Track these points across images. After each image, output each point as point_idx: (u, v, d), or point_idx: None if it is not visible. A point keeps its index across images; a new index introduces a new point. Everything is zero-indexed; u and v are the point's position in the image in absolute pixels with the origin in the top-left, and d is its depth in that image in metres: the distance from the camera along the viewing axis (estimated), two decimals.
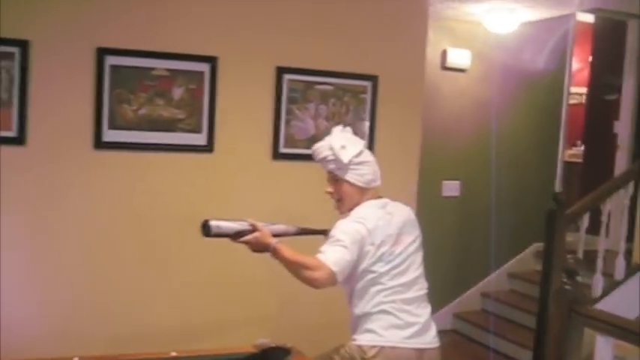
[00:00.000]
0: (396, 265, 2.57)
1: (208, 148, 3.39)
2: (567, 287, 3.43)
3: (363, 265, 2.54)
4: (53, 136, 3.16)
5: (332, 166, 2.64)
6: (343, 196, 2.65)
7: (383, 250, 2.54)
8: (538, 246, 5.39)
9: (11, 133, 3.11)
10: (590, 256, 4.46)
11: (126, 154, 3.24)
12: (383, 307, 2.54)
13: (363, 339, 2.53)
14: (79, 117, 3.19)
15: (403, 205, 2.75)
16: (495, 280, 5.83)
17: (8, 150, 3.09)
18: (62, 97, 3.17)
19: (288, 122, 3.56)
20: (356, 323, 2.59)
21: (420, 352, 2.56)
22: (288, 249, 2.48)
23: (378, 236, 2.54)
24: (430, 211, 4.97)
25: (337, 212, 2.69)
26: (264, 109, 3.51)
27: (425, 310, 2.64)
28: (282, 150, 3.55)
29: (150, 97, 3.28)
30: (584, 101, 7.05)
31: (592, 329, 3.34)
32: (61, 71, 3.15)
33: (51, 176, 3.17)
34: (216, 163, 3.41)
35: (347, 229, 2.53)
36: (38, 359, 2.66)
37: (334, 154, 2.60)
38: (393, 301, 2.54)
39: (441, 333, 2.75)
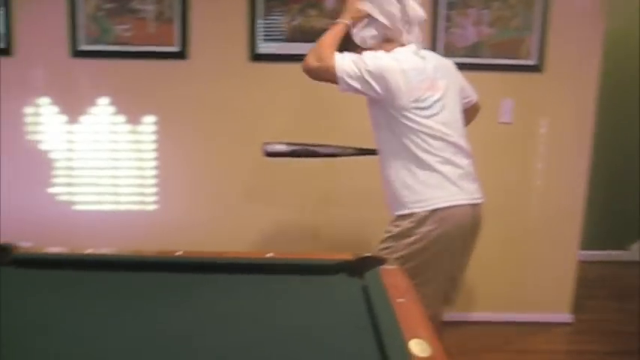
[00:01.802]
0: (434, 114, 2.30)
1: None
2: None
3: (394, 112, 2.28)
4: (212, 50, 3.31)
5: None
6: None
7: (417, 95, 2.27)
8: None
9: (174, 48, 3.30)
10: None
11: (280, 65, 3.29)
12: (424, 162, 2.29)
13: (411, 207, 2.30)
14: (236, 31, 3.29)
15: (436, 54, 2.50)
16: None
17: (172, 64, 3.30)
18: (220, 12, 3.29)
19: (446, 29, 3.38)
20: (395, 193, 2.35)
21: (473, 207, 2.34)
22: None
23: (412, 79, 2.27)
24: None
25: None
26: None
27: (468, 161, 2.37)
28: None
29: (302, 9, 3.28)
30: None
31: None
32: None
33: (211, 88, 3.34)
34: None
35: (373, 59, 2.28)
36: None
37: None
38: (433, 154, 2.28)
39: None
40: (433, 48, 3.35)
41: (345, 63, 2.28)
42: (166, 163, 3.45)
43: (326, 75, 2.32)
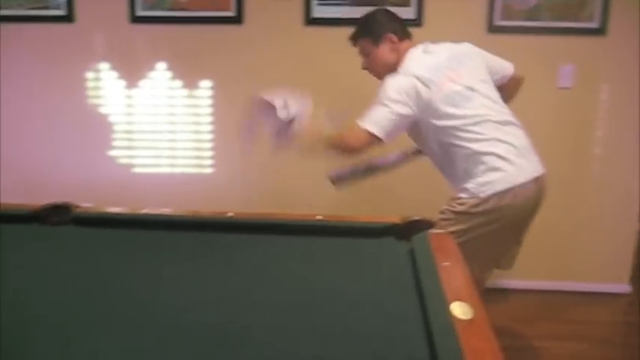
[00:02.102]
0: (466, 103, 2.28)
1: (417, 21, 3.29)
2: None
3: (434, 120, 2.28)
4: (267, 14, 3.33)
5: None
6: (376, 66, 2.47)
7: (442, 91, 2.26)
8: None
9: (230, 13, 3.33)
10: None
11: (335, 29, 3.28)
12: (478, 152, 2.26)
13: (475, 191, 2.28)
14: None
15: (450, 43, 2.45)
16: None
17: (228, 28, 3.33)
18: None
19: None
20: (457, 181, 2.35)
21: (535, 181, 2.29)
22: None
23: (432, 79, 2.26)
24: None
25: None
26: None
27: (520, 132, 2.33)
28: (498, 22, 3.31)
29: None
30: None
31: None
32: None
33: (265, 52, 3.36)
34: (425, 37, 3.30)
35: (392, 85, 2.29)
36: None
37: None
38: (483, 140, 2.26)
39: None
40: (490, 11, 3.29)
41: (372, 121, 2.27)
42: (222, 126, 3.51)
43: (365, 145, 2.30)
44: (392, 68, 2.40)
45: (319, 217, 1.96)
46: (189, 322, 1.35)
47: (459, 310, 1.31)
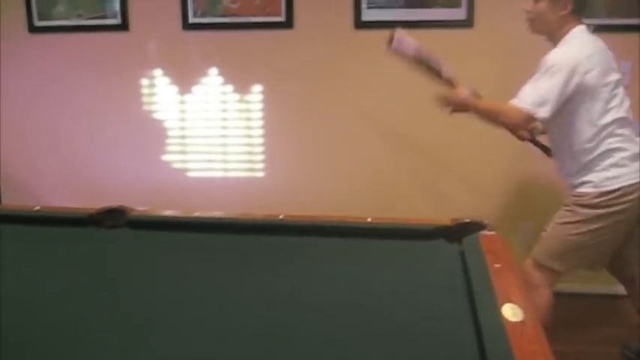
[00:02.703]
0: (613, 96, 2.34)
1: (468, 22, 3.26)
2: None
3: (578, 99, 2.32)
4: (317, 18, 3.35)
5: None
6: (537, 16, 2.42)
7: (600, 80, 2.31)
8: None
9: (280, 18, 3.36)
10: None
11: (384, 32, 3.26)
12: (608, 145, 2.35)
13: (603, 183, 2.35)
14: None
15: None
16: None
17: (278, 33, 3.37)
18: None
19: None
20: (576, 176, 2.42)
21: None
22: (479, 100, 2.46)
23: (594, 64, 2.30)
24: None
25: None
26: None
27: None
28: None
29: None
30: None
31: None
32: None
33: (316, 56, 3.39)
34: (475, 39, 3.27)
35: (554, 59, 2.31)
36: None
37: None
38: (617, 135, 2.35)
39: None
40: None
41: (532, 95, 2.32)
42: (273, 130, 3.54)
43: (528, 119, 2.36)
44: (549, 30, 2.41)
45: (370, 220, 1.96)
46: (240, 324, 1.37)
47: (510, 312, 1.30)
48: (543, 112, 2.30)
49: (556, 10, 2.37)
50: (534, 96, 2.30)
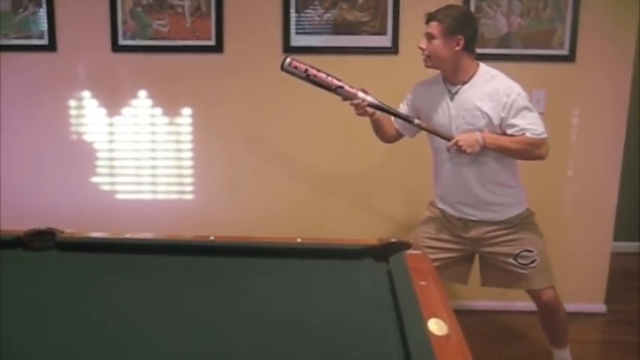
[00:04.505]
0: None
1: (393, 50, 3.38)
2: None
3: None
4: (247, 43, 3.40)
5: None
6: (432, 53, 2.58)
7: None
8: None
9: (211, 42, 3.40)
10: None
11: (312, 57, 3.33)
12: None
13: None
14: (270, 25, 3.38)
15: None
16: None
17: (208, 57, 3.40)
18: (253, 7, 3.38)
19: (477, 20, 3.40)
20: (511, 199, 2.69)
21: None
22: (496, 136, 2.54)
23: None
24: None
25: None
26: None
27: None
28: None
29: (334, 2, 3.34)
30: None
31: None
32: None
33: (245, 80, 3.44)
34: (400, 65, 3.39)
35: (517, 89, 2.55)
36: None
37: None
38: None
39: None
40: None
41: (539, 123, 2.54)
42: (201, 153, 3.55)
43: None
44: (444, 65, 2.58)
45: (299, 240, 2.01)
46: (170, 345, 1.38)
47: (435, 326, 1.37)
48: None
49: (449, 47, 2.53)
50: (540, 123, 2.53)
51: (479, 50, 2.69)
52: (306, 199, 3.57)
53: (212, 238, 2.05)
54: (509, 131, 2.51)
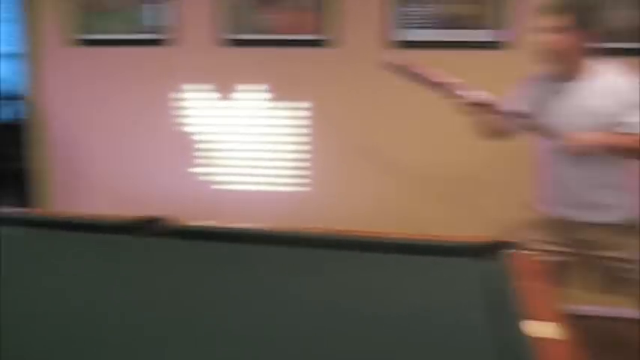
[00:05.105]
0: None
1: (497, 44, 3.30)
2: None
3: None
4: (361, 37, 3.44)
5: None
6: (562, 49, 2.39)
7: None
8: None
9: (319, 36, 3.45)
10: None
11: (417, 52, 3.30)
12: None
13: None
14: (378, 19, 3.39)
15: None
16: None
17: (318, 52, 3.48)
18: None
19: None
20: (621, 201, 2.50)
21: None
22: (611, 135, 2.37)
23: None
24: None
25: None
26: None
27: None
28: None
29: None
30: None
31: None
32: None
33: (358, 73, 3.48)
34: (505, 59, 3.30)
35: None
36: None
37: None
38: None
39: None
40: None
41: None
42: (318, 147, 3.60)
43: None
44: (564, 60, 2.41)
45: (401, 236, 1.99)
46: (297, 332, 1.42)
47: (535, 328, 1.32)
48: None
49: (579, 41, 2.37)
50: None
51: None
52: (411, 196, 3.54)
53: (311, 230, 2.05)
54: (623, 130, 2.37)
